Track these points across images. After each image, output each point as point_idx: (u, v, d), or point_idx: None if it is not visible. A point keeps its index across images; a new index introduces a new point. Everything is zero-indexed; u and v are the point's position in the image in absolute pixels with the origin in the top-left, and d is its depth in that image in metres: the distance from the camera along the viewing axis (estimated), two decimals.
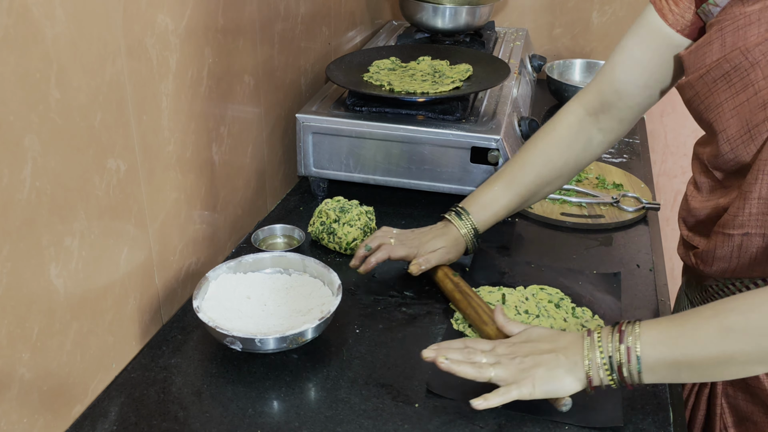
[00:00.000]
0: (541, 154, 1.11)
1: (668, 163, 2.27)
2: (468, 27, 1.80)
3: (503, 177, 1.13)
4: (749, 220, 0.88)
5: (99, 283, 0.88)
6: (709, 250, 0.95)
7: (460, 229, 1.12)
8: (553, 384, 0.83)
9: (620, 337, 0.81)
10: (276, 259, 1.09)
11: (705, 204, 0.97)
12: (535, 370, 0.83)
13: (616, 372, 0.81)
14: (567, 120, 1.11)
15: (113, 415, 0.88)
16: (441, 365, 0.86)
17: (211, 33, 1.05)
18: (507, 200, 1.12)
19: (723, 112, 0.88)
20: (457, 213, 1.13)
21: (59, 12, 0.74)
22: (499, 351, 0.87)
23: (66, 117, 0.77)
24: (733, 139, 0.88)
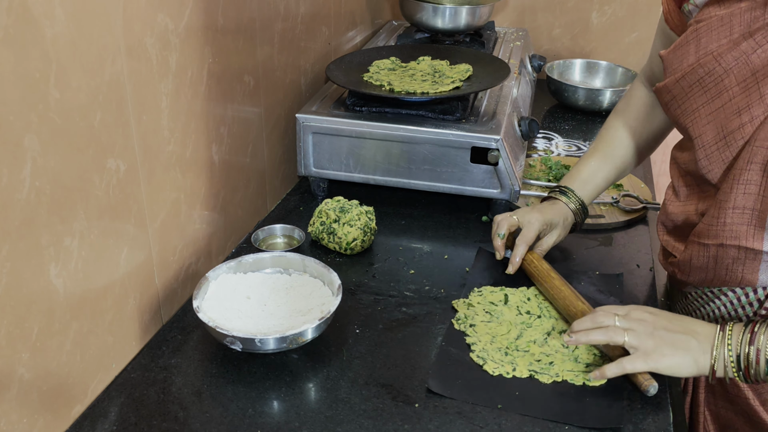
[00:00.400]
0: (627, 127, 1.16)
1: (668, 163, 2.27)
2: (468, 27, 1.80)
3: (597, 153, 1.18)
4: (724, 230, 0.88)
5: (99, 283, 0.88)
6: (686, 260, 0.96)
7: (568, 205, 1.16)
8: (678, 365, 0.85)
9: (751, 338, 0.82)
10: (276, 259, 1.09)
11: (683, 209, 0.97)
12: (666, 347, 0.85)
13: (743, 371, 0.83)
14: (637, 95, 1.17)
15: (113, 415, 0.88)
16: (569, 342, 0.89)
17: (211, 33, 1.05)
18: (605, 173, 1.17)
19: (699, 117, 0.88)
20: (562, 191, 1.17)
21: (59, 12, 0.74)
22: (633, 315, 0.89)
23: (66, 117, 0.77)
24: (708, 146, 0.88)
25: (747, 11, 0.83)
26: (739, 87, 0.83)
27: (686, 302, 1.03)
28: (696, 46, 0.87)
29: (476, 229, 1.32)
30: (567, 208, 1.16)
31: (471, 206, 1.39)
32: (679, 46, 0.90)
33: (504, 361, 0.96)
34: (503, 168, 1.28)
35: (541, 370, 0.94)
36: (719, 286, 0.94)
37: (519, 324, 1.03)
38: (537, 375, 0.93)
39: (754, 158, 0.83)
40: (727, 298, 0.94)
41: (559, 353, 0.98)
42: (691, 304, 1.01)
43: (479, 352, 0.97)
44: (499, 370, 0.94)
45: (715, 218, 0.89)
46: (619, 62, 2.04)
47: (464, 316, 1.05)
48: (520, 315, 1.05)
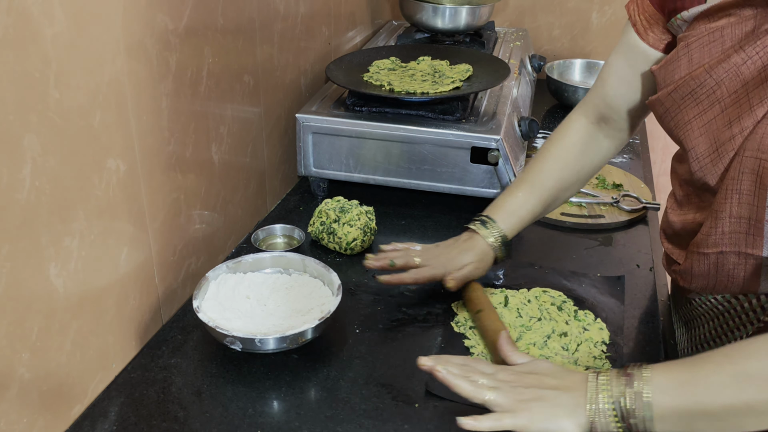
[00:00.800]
0: (558, 159, 1.11)
1: (668, 163, 2.27)
2: (468, 27, 1.80)
3: (524, 183, 1.11)
4: (722, 239, 0.87)
5: (99, 283, 0.88)
6: (687, 269, 0.95)
7: (486, 239, 1.07)
8: (550, 423, 0.76)
9: (627, 381, 0.75)
10: (276, 259, 1.09)
11: (683, 217, 0.97)
12: (534, 403, 0.78)
13: (624, 420, 0.74)
14: (575, 127, 1.12)
15: (113, 415, 0.88)
16: (438, 374, 0.82)
17: (211, 33, 1.05)
18: (531, 205, 1.09)
19: (692, 129, 0.88)
20: (483, 222, 1.09)
21: (59, 12, 0.74)
22: (500, 376, 0.82)
23: (65, 117, 0.77)
24: (702, 158, 0.87)
25: (737, 24, 0.83)
26: (731, 98, 0.83)
27: (690, 308, 1.02)
28: (688, 60, 0.87)
29: None
30: (485, 243, 1.07)
31: (471, 206, 1.38)
32: (671, 61, 0.90)
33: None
34: (503, 168, 1.28)
35: None
36: (722, 293, 0.94)
37: (518, 326, 1.03)
38: None
39: (745, 168, 0.83)
40: (730, 305, 0.94)
41: (558, 356, 0.98)
42: (694, 310, 1.01)
43: (478, 355, 0.97)
44: None
45: (712, 228, 0.88)
46: None
47: (463, 319, 1.05)
48: (520, 317, 1.05)
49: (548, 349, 0.99)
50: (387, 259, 1.07)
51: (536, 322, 1.04)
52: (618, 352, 0.99)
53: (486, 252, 1.07)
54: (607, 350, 0.99)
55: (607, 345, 1.01)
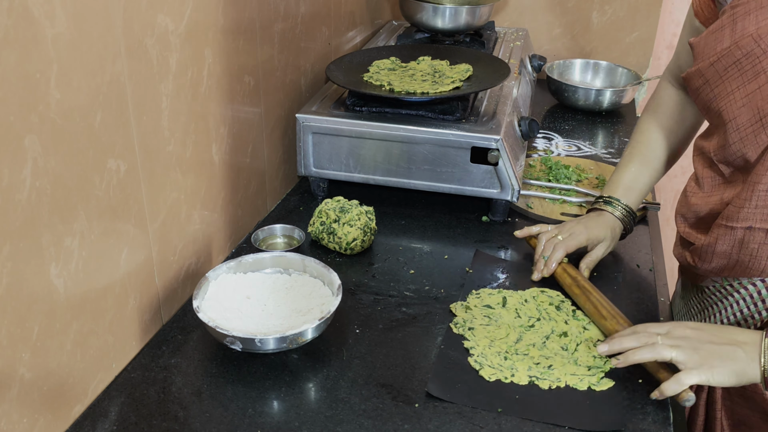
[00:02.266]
0: (661, 128, 1.16)
1: None
2: (468, 27, 1.80)
3: (635, 157, 1.17)
4: (754, 213, 0.88)
5: (99, 283, 0.88)
6: (710, 244, 0.95)
7: (614, 213, 1.16)
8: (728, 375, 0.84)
9: None
10: (276, 259, 1.09)
11: (707, 200, 0.97)
12: (714, 359, 0.85)
13: None
14: (667, 94, 1.17)
15: (113, 415, 0.88)
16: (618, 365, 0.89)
17: (211, 33, 1.05)
18: (647, 177, 1.17)
19: (734, 100, 0.88)
20: (606, 201, 1.17)
21: (59, 12, 0.74)
22: (676, 333, 0.88)
23: (66, 117, 0.77)
24: (743, 128, 0.88)
25: None
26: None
27: (702, 297, 1.04)
28: (731, 30, 0.88)
29: (476, 229, 1.32)
30: (613, 217, 1.16)
31: (471, 206, 1.39)
32: (713, 32, 0.90)
33: (503, 366, 0.96)
34: (503, 168, 1.28)
35: (541, 374, 0.94)
36: (739, 276, 0.94)
37: (517, 327, 1.03)
38: (537, 381, 0.93)
39: None
40: (747, 292, 0.95)
41: (558, 356, 0.98)
42: (707, 298, 1.02)
43: (477, 356, 0.97)
44: (497, 376, 0.94)
45: (746, 200, 0.89)
46: (619, 62, 2.04)
47: (462, 320, 1.05)
48: (519, 318, 1.05)
49: (548, 350, 0.99)
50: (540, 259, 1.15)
51: (535, 322, 1.04)
52: None
53: (616, 226, 1.16)
54: None
55: None
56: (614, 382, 0.93)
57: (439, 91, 1.34)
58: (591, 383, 0.92)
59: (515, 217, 1.36)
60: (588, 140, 1.71)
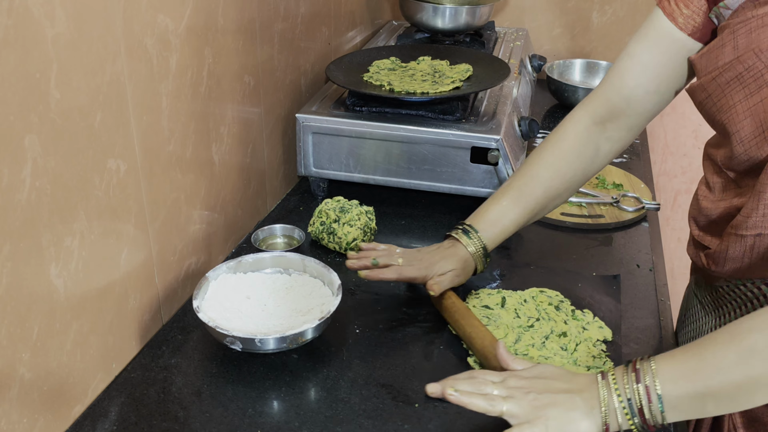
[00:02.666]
0: (549, 166, 1.07)
1: (668, 163, 2.27)
2: (468, 27, 1.80)
3: (510, 191, 1.08)
4: (762, 221, 0.87)
5: (99, 283, 0.88)
6: (721, 251, 0.94)
7: (468, 248, 1.06)
8: (568, 427, 0.76)
9: (636, 377, 0.76)
10: (276, 259, 1.09)
11: (718, 204, 0.97)
12: (549, 409, 0.77)
13: (637, 415, 0.75)
14: (574, 130, 1.07)
15: (113, 415, 0.88)
16: (450, 398, 0.80)
17: (211, 33, 1.05)
18: (516, 215, 1.07)
19: (737, 113, 0.88)
20: (465, 231, 1.08)
21: (59, 12, 0.74)
22: (510, 383, 0.81)
23: (66, 117, 0.77)
24: (747, 140, 0.87)
25: None
26: None
27: (716, 296, 1.02)
28: (733, 47, 0.87)
29: None
30: (466, 251, 1.06)
31: (471, 206, 1.38)
32: (714, 48, 0.90)
33: None
34: (503, 168, 1.28)
35: None
36: (752, 278, 0.94)
37: (516, 327, 1.03)
38: None
39: None
40: (760, 291, 0.94)
41: (557, 356, 0.98)
42: (721, 297, 1.01)
43: (476, 356, 0.97)
44: None
45: (753, 210, 0.88)
46: None
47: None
48: (518, 318, 1.05)
49: (547, 350, 0.99)
50: (369, 258, 1.06)
51: (535, 322, 1.04)
52: (617, 352, 0.99)
53: (468, 260, 1.07)
54: (607, 349, 0.99)
55: (607, 344, 1.01)
56: None
57: (439, 91, 1.34)
58: None
59: None
60: None
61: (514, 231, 1.09)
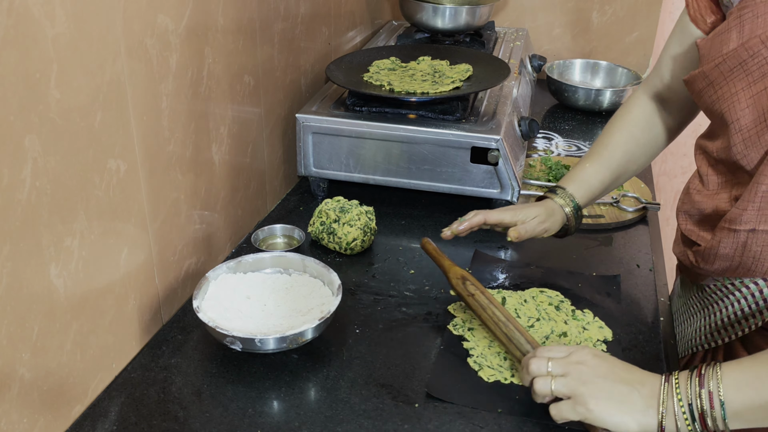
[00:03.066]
0: (625, 132, 1.13)
1: (668, 163, 2.27)
2: (468, 27, 1.80)
3: (592, 156, 1.14)
4: (757, 215, 0.87)
5: (99, 283, 0.88)
6: (712, 247, 0.93)
7: (556, 200, 1.11)
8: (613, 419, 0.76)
9: (700, 382, 0.74)
10: (276, 259, 1.09)
11: (713, 198, 0.96)
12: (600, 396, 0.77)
13: (698, 420, 0.74)
14: (639, 103, 1.14)
15: (113, 415, 0.88)
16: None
17: (211, 33, 1.05)
18: (601, 176, 1.13)
19: (738, 101, 0.87)
20: (553, 191, 1.13)
21: (59, 12, 0.74)
22: (573, 358, 0.81)
23: (66, 117, 0.77)
24: (746, 129, 0.87)
25: None
26: None
27: (703, 295, 1.02)
28: (739, 32, 0.87)
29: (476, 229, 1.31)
30: (556, 204, 1.11)
31: (471, 206, 1.38)
32: (719, 33, 0.90)
33: (503, 366, 0.96)
34: (503, 168, 1.28)
35: None
36: (741, 277, 0.94)
37: None
38: None
39: None
40: (748, 290, 0.94)
41: None
42: (708, 297, 1.01)
43: (477, 357, 0.97)
44: (495, 377, 0.94)
45: (749, 203, 0.87)
46: (619, 62, 2.04)
47: (461, 321, 1.05)
48: (518, 318, 1.05)
49: None
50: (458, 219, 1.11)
51: (535, 322, 1.04)
52: (617, 352, 0.99)
53: (556, 210, 1.11)
54: (607, 349, 0.99)
55: (607, 344, 1.01)
56: None
57: (439, 91, 1.34)
58: None
59: None
60: (588, 140, 1.71)
61: (601, 191, 1.14)
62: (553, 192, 1.13)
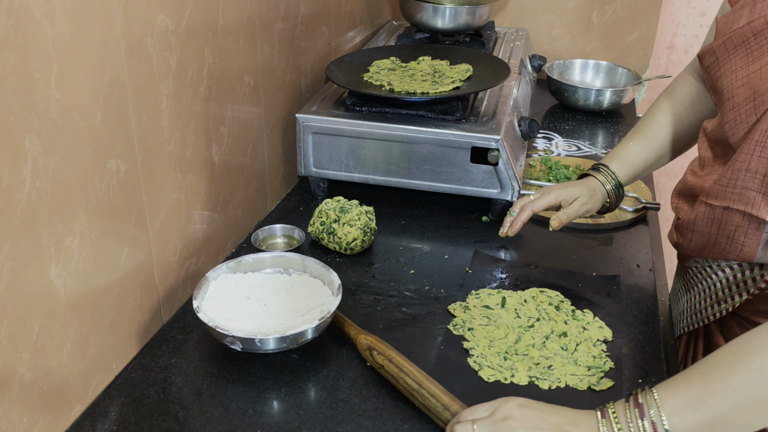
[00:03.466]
0: (670, 112, 1.15)
1: (668, 164, 2.27)
2: (468, 27, 1.80)
3: (636, 136, 1.17)
4: (732, 192, 0.88)
5: (99, 283, 0.88)
6: (690, 221, 0.95)
7: (597, 178, 1.15)
8: None
9: (640, 412, 0.71)
10: (276, 259, 1.09)
11: (705, 179, 0.98)
12: None
13: None
14: (683, 84, 1.15)
15: (113, 415, 0.88)
16: None
17: (211, 33, 1.05)
18: (645, 154, 1.15)
19: (736, 79, 0.89)
20: (596, 168, 1.16)
21: (59, 12, 0.74)
22: (498, 415, 0.76)
23: (66, 117, 0.77)
24: (738, 107, 0.88)
25: None
26: None
27: (687, 277, 1.05)
28: (750, 11, 0.88)
29: (476, 229, 1.32)
30: (596, 180, 1.15)
31: (471, 206, 1.39)
32: (736, 11, 0.92)
33: (503, 366, 0.96)
34: (503, 168, 1.28)
35: (541, 375, 0.94)
36: (718, 258, 0.94)
37: (517, 328, 1.03)
38: (537, 381, 0.93)
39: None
40: (724, 275, 0.96)
41: (558, 356, 0.98)
42: (690, 279, 1.03)
43: (477, 357, 0.97)
44: (495, 377, 0.94)
45: (726, 178, 0.89)
46: (619, 62, 2.04)
47: (461, 321, 1.05)
48: (518, 318, 1.05)
49: (547, 350, 0.99)
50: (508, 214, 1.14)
51: (535, 322, 1.04)
52: (617, 352, 0.99)
53: (597, 189, 1.14)
54: (607, 349, 0.99)
55: (607, 344, 1.01)
56: (614, 382, 0.93)
57: (439, 91, 1.34)
58: (591, 383, 0.93)
59: None
60: (588, 140, 1.71)
61: (644, 169, 1.17)
62: (595, 170, 1.16)
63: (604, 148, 1.68)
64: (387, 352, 0.92)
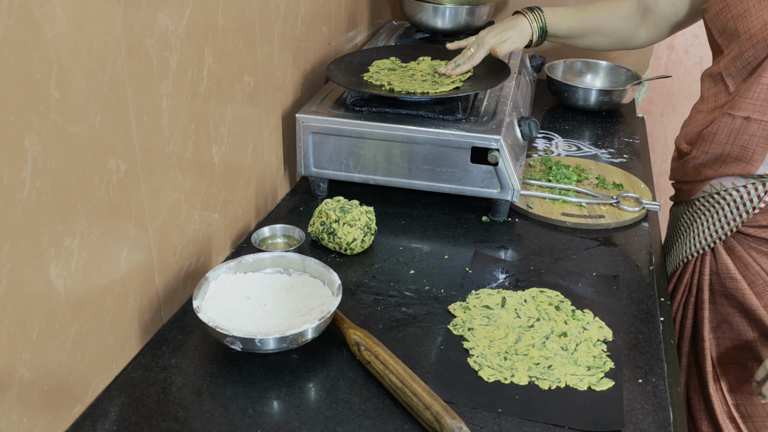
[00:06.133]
0: (606, 9, 1.38)
1: (668, 163, 2.27)
2: (468, 27, 1.80)
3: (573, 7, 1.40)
4: (754, 104, 1.03)
5: (99, 283, 0.88)
6: (712, 132, 1.10)
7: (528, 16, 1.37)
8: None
9: None
10: (276, 259, 1.09)
11: (712, 112, 1.12)
12: None
13: None
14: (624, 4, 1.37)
15: (113, 415, 0.88)
16: None
17: (211, 33, 1.05)
18: (573, 21, 1.37)
19: (749, 15, 1.03)
20: (530, 9, 1.38)
21: (59, 12, 0.74)
22: None
23: (66, 117, 0.77)
24: (755, 35, 1.03)
25: None
26: None
27: (692, 210, 1.22)
28: None
29: (476, 229, 1.32)
30: (526, 20, 1.37)
31: (471, 206, 1.39)
32: None
33: (503, 366, 0.96)
34: (503, 168, 1.28)
35: (541, 375, 0.94)
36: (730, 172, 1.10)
37: (517, 327, 1.03)
38: (537, 381, 0.93)
39: None
40: (731, 197, 1.12)
41: (558, 356, 0.98)
42: (696, 211, 1.20)
43: (477, 357, 0.97)
44: (496, 377, 0.94)
45: (748, 91, 1.03)
46: (619, 62, 2.04)
47: (461, 321, 1.05)
48: (518, 318, 1.05)
49: (547, 350, 0.99)
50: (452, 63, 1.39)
51: (535, 322, 1.04)
52: (617, 352, 0.99)
53: (526, 28, 1.37)
54: (607, 349, 1.00)
55: (607, 344, 1.01)
56: (614, 382, 0.93)
57: (439, 91, 1.34)
58: (591, 383, 0.93)
59: (515, 217, 1.36)
60: (588, 140, 1.71)
61: (564, 34, 1.41)
62: (530, 10, 1.37)
63: (603, 147, 1.68)
64: (374, 348, 0.93)
